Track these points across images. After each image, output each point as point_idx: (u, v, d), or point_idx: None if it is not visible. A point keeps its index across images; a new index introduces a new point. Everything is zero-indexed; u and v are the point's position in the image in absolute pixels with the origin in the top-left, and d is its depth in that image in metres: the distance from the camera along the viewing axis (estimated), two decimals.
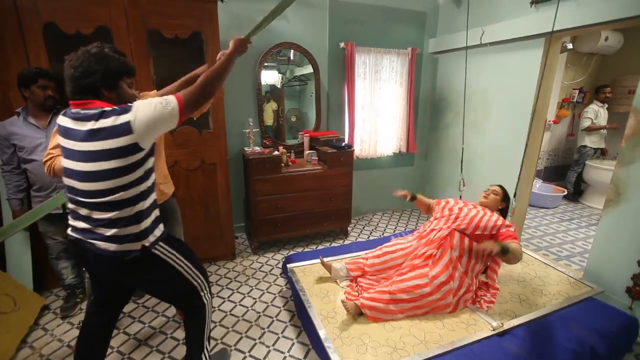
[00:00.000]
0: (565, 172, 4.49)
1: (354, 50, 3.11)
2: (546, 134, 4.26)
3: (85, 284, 2.29)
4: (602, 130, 4.06)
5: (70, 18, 1.93)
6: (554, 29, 2.27)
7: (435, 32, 3.51)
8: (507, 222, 1.80)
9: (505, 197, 1.98)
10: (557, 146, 4.84)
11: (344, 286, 1.94)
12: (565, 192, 4.16)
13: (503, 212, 1.99)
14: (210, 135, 2.41)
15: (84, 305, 2.13)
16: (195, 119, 2.62)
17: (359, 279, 1.95)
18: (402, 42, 3.36)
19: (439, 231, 1.84)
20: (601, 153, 4.19)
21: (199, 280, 1.37)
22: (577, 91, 4.46)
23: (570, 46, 3.86)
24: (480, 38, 2.88)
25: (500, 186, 2.01)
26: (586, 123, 4.03)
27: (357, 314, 1.67)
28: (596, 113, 4.02)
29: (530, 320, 1.68)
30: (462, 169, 2.60)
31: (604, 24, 2.07)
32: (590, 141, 4.09)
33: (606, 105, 4.09)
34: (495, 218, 1.79)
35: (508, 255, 1.58)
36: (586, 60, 4.36)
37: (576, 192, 4.36)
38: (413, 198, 2.14)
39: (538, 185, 4.18)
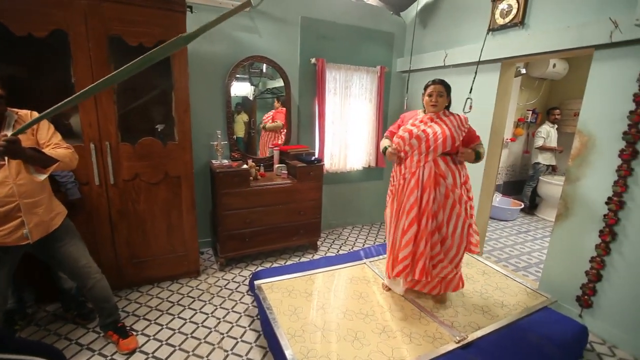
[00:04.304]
0: (522, 186, 4.79)
1: (324, 66, 3.17)
2: (504, 150, 4.54)
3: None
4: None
5: (22, 19, 1.80)
6: (505, 56, 2.50)
7: (403, 52, 3.68)
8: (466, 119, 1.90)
9: (447, 90, 1.87)
10: (515, 162, 5.17)
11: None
12: (522, 206, 4.43)
13: (449, 107, 1.94)
14: (176, 147, 2.31)
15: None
16: (159, 129, 2.53)
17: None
18: (371, 60, 3.48)
19: (420, 168, 1.81)
20: (552, 169, 4.53)
21: None
22: (531, 112, 4.83)
23: (523, 71, 4.20)
24: (444, 60, 3.05)
25: (440, 82, 1.85)
26: (539, 142, 4.36)
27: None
28: (548, 133, 4.36)
29: (492, 332, 1.73)
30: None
31: (550, 53, 2.27)
32: (543, 158, 4.42)
33: (556, 126, 4.45)
34: (459, 120, 1.85)
35: (480, 159, 1.89)
36: (538, 84, 4.75)
37: (532, 206, 4.66)
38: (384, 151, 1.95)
39: (498, 199, 4.42)
